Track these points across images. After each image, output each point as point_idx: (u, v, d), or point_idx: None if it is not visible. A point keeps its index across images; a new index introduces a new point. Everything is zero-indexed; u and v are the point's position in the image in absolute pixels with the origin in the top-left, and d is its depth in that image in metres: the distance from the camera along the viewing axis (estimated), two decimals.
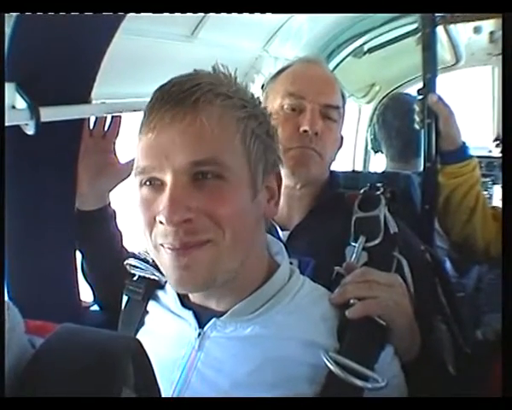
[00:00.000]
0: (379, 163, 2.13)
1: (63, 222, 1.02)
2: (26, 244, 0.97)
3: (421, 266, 0.95)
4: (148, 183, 0.63)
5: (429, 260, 1.00)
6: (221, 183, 0.62)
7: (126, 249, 1.12)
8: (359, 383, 0.62)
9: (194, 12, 0.86)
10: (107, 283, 1.07)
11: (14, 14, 0.68)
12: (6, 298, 0.41)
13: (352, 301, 0.71)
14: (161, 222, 0.61)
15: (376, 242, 0.93)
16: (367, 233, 0.94)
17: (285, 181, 1.01)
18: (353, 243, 0.94)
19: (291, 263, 0.78)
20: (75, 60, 0.80)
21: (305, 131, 0.98)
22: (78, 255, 1.11)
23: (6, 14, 0.71)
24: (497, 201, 2.37)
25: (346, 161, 2.64)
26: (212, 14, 1.13)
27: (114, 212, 1.12)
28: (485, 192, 2.31)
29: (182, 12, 0.83)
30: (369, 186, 1.05)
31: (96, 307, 1.18)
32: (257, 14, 1.34)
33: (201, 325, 0.70)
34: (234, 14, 1.23)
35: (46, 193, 0.97)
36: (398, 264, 0.90)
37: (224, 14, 1.17)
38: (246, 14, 1.28)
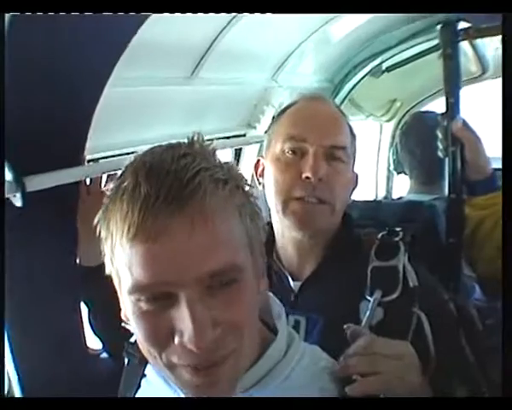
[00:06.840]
0: (402, 184, 2.03)
1: (67, 280, 0.99)
2: (30, 302, 0.94)
3: (443, 320, 0.89)
4: (151, 298, 0.54)
5: (453, 311, 0.93)
6: (234, 286, 0.55)
7: None
8: None
9: (194, 12, 0.79)
10: (114, 334, 1.04)
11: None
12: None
13: (354, 376, 0.67)
14: (183, 344, 0.54)
15: (394, 296, 0.87)
16: (383, 286, 0.88)
17: (292, 233, 0.96)
18: (368, 297, 0.88)
19: (298, 321, 0.72)
20: (63, 124, 0.76)
21: (308, 177, 0.90)
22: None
23: None
24: None
25: (368, 182, 2.55)
26: (211, 52, 1.08)
27: None
28: None
29: (181, 12, 0.77)
30: (388, 231, 0.97)
31: (105, 355, 1.16)
32: (262, 45, 1.29)
33: None
34: (236, 49, 1.19)
35: (48, 252, 0.94)
36: (417, 320, 0.85)
37: (225, 50, 1.13)
38: (249, 47, 1.24)
